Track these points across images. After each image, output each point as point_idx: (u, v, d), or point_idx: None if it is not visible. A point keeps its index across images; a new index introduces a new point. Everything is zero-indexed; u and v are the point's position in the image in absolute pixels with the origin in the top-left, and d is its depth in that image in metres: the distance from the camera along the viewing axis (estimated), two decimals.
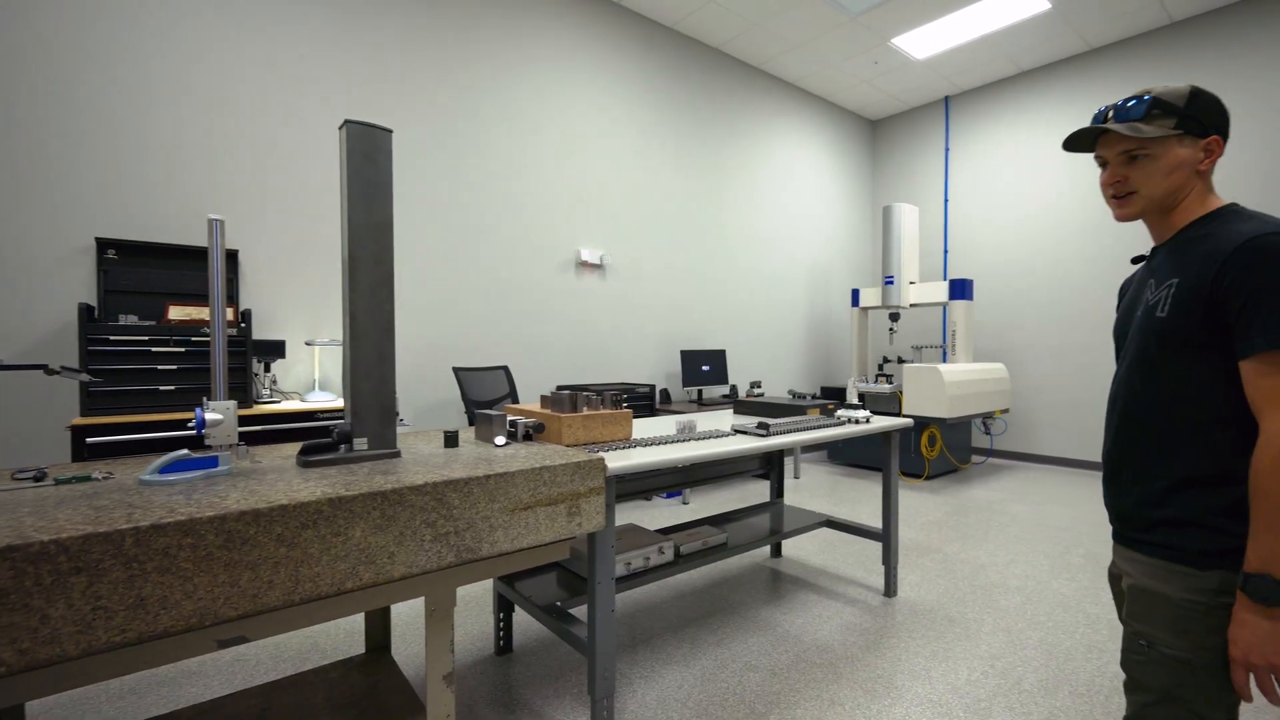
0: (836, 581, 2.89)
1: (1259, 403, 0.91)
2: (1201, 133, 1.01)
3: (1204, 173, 1.03)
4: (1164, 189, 1.03)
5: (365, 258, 1.56)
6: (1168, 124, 1.01)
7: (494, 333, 4.02)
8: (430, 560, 1.32)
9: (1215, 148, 1.01)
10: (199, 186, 2.96)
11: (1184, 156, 1.02)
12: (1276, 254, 0.90)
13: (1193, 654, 0.95)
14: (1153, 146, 1.03)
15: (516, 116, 4.09)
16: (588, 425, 1.90)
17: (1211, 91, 1.04)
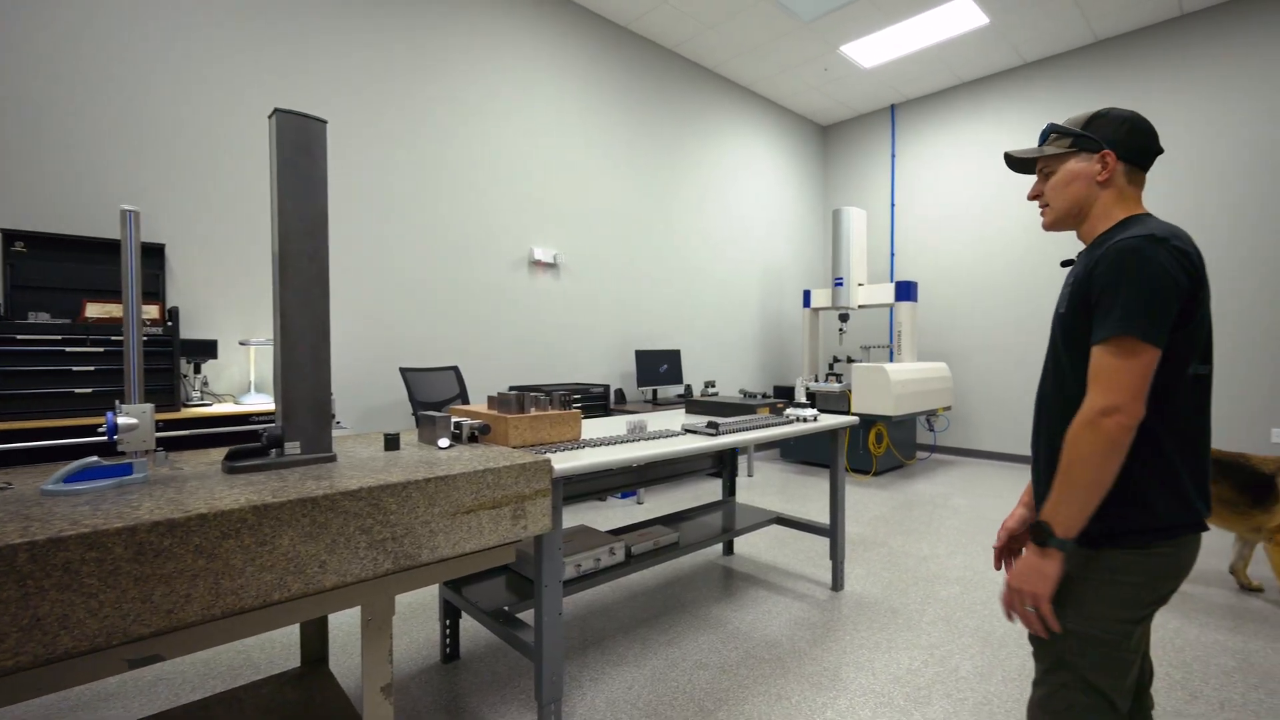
0: (786, 577, 2.94)
1: (1089, 381, 1.00)
2: (1095, 148, 1.11)
3: (1105, 184, 1.11)
4: (1066, 199, 1.14)
5: (297, 254, 1.49)
6: (1064, 144, 1.15)
7: (444, 333, 3.93)
8: (366, 568, 1.27)
9: (1110, 160, 1.10)
10: (121, 177, 2.78)
11: (1078, 170, 1.12)
12: (1129, 256, 0.99)
13: (1081, 625, 1.04)
14: (1053, 164, 1.16)
15: (467, 112, 4.01)
16: (535, 426, 1.87)
17: (1128, 110, 1.12)
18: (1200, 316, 1.01)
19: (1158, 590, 1.03)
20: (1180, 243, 1.00)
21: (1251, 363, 4.49)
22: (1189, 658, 2.17)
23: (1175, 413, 1.01)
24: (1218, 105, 4.62)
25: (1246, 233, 4.51)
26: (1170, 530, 1.01)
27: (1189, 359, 1.01)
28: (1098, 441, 0.96)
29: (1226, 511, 2.54)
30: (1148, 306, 0.96)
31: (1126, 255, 0.99)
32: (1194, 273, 0.99)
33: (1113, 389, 0.96)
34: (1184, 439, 1.02)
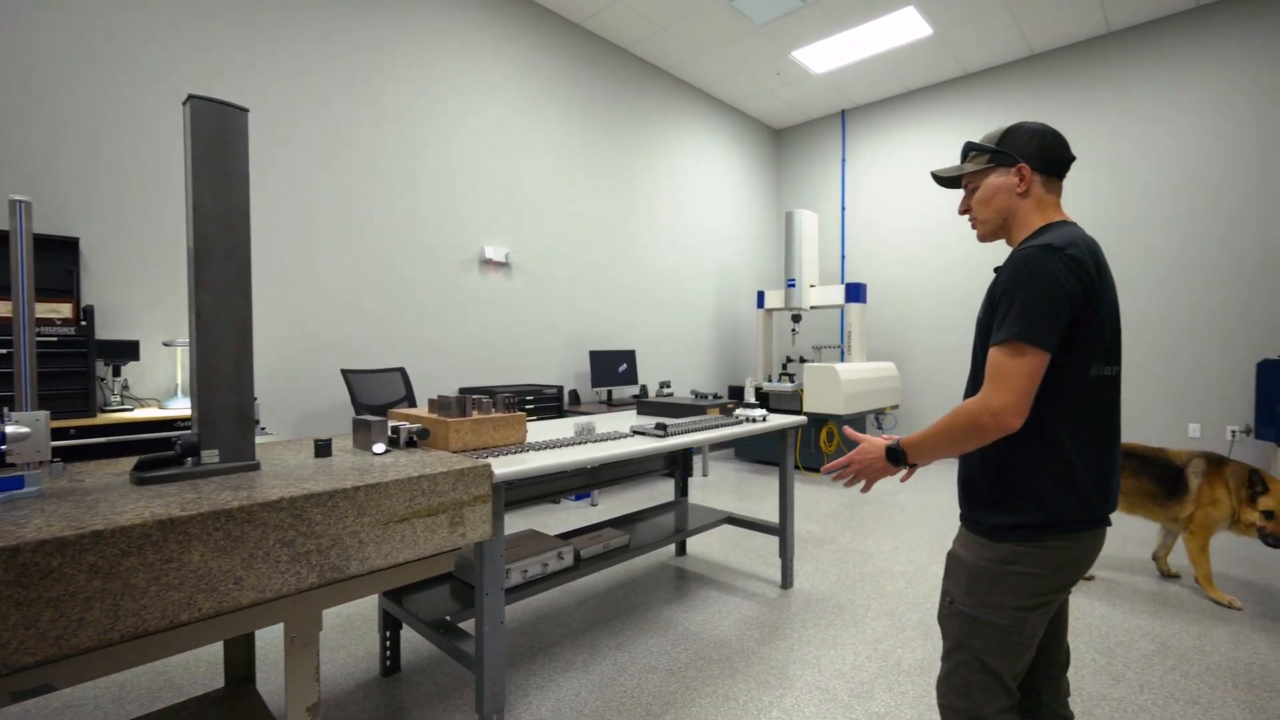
0: (737, 576, 2.95)
1: (985, 378, 1.07)
2: (1011, 162, 1.17)
3: (1024, 194, 1.17)
4: (990, 212, 1.20)
5: (215, 250, 1.40)
6: (982, 160, 1.21)
7: (390, 333, 3.81)
8: (288, 583, 1.20)
9: (1026, 173, 1.16)
10: (31, 167, 2.58)
11: (999, 184, 1.18)
12: (1024, 264, 1.05)
13: (979, 610, 1.11)
14: (976, 179, 1.22)
15: (413, 106, 3.89)
16: (477, 430, 1.82)
17: (1038, 124, 1.17)
18: (1099, 321, 1.06)
19: (1052, 582, 1.08)
20: (1075, 251, 1.04)
21: (1171, 363, 4.77)
22: (1113, 643, 2.28)
23: (1076, 412, 1.07)
24: (1143, 117, 4.89)
25: (1167, 239, 4.79)
26: (1064, 526, 1.07)
27: (1090, 361, 1.06)
28: (973, 430, 1.05)
29: (1148, 503, 2.69)
30: (1037, 312, 1.02)
31: (1021, 264, 1.05)
32: (1088, 280, 1.04)
33: (1001, 389, 1.02)
34: (1084, 438, 1.07)
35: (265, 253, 3.27)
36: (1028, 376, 1.01)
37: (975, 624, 1.11)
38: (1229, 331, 4.54)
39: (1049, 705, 1.21)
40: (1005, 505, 1.10)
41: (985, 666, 1.10)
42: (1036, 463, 1.07)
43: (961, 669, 1.13)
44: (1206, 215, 4.63)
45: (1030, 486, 1.08)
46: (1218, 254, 4.59)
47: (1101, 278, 1.07)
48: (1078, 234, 1.09)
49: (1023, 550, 1.08)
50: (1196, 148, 4.66)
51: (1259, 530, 2.47)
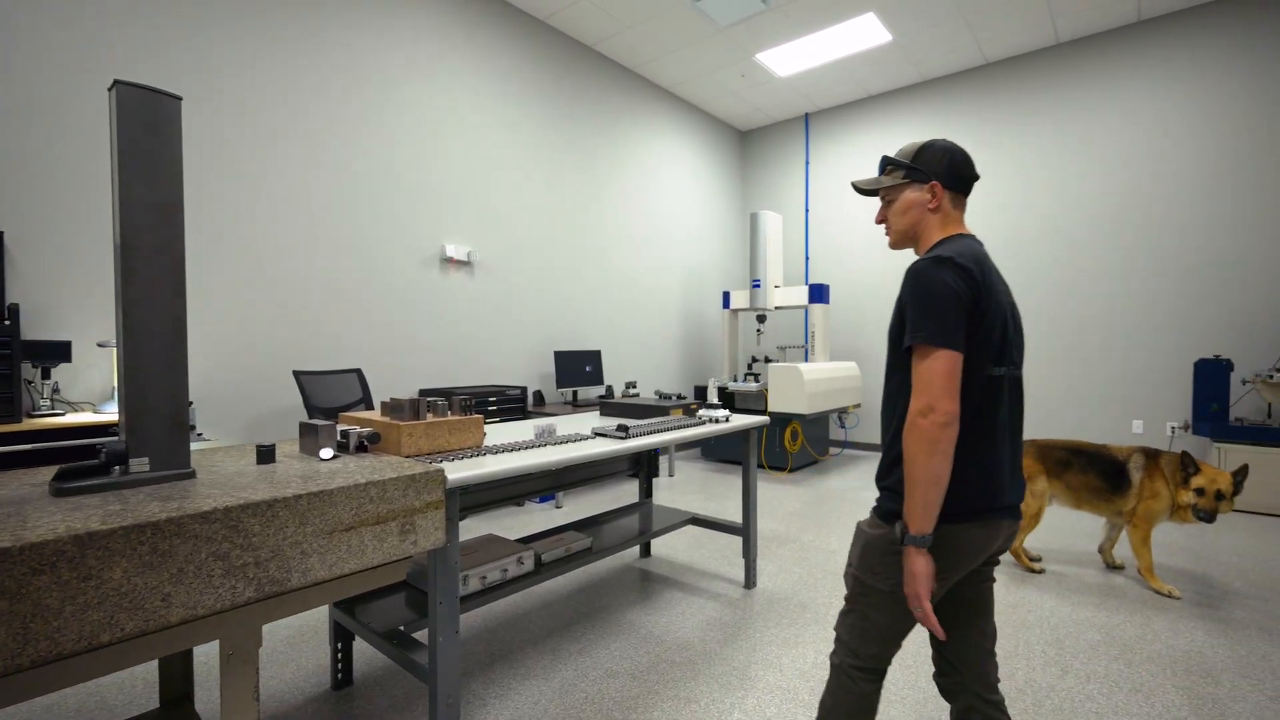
0: (701, 577, 2.95)
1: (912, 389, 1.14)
2: (924, 179, 1.26)
3: (935, 210, 1.27)
4: (904, 224, 1.30)
5: (144, 246, 1.32)
6: (897, 175, 1.30)
7: (346, 333, 3.69)
8: (222, 598, 1.13)
9: (937, 190, 1.25)
10: None
11: (913, 199, 1.28)
12: (918, 275, 1.15)
13: (865, 575, 1.23)
14: (893, 193, 1.31)
15: (372, 100, 3.78)
16: (431, 433, 1.76)
17: (947, 143, 1.27)
18: (986, 325, 1.14)
19: (940, 565, 1.14)
20: (963, 260, 1.14)
21: (1116, 362, 4.97)
22: (1061, 635, 2.35)
23: (973, 409, 1.14)
24: (1087, 125, 5.08)
25: (1111, 243, 4.99)
26: (949, 518, 1.12)
27: (981, 363, 1.14)
28: (919, 441, 1.08)
29: (1095, 498, 2.78)
30: (935, 315, 1.10)
31: (916, 275, 1.15)
32: (974, 286, 1.13)
33: (921, 391, 1.10)
34: (975, 436, 1.14)
35: (210, 249, 3.13)
36: (942, 374, 1.08)
37: (864, 586, 1.24)
38: (1168, 332, 4.75)
39: (971, 688, 1.26)
40: (895, 493, 1.18)
41: (869, 619, 1.23)
42: None
43: (852, 615, 1.27)
44: (1147, 220, 4.84)
45: None
46: (1158, 258, 4.80)
47: (988, 284, 1.15)
48: (968, 246, 1.19)
49: None
50: (1137, 156, 4.87)
51: (1193, 508, 2.58)
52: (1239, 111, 4.49)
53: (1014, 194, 5.44)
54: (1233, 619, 2.47)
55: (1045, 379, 5.29)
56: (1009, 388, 1.18)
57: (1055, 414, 5.24)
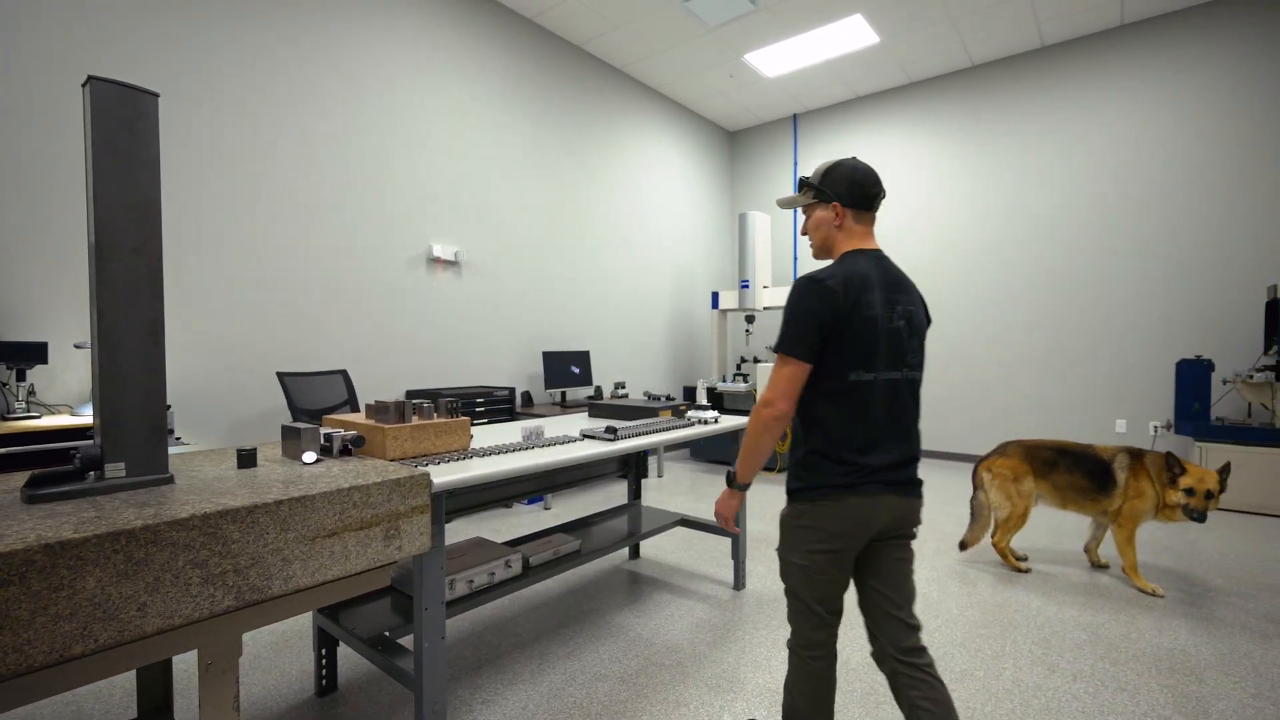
0: (691, 579, 2.94)
1: None
2: (829, 199, 1.42)
3: (839, 227, 1.43)
4: (817, 240, 1.48)
5: (121, 245, 1.29)
6: (808, 194, 1.46)
7: (331, 334, 3.64)
8: (200, 607, 1.11)
9: (839, 209, 1.41)
10: None
11: (822, 217, 1.45)
12: (792, 292, 1.34)
13: (787, 555, 1.42)
14: (808, 210, 1.49)
15: (358, 98, 3.74)
16: (417, 436, 1.74)
17: (851, 164, 1.41)
18: (849, 336, 1.30)
19: (829, 530, 1.35)
20: (832, 282, 1.31)
21: (1100, 362, 5.03)
22: (1048, 634, 2.36)
23: (840, 407, 1.33)
24: (1070, 127, 5.14)
25: (1094, 244, 5.05)
26: (831, 489, 1.33)
27: (847, 368, 1.31)
28: (757, 424, 1.35)
29: (1081, 498, 2.81)
30: (791, 329, 1.32)
31: (792, 292, 1.34)
32: (835, 305, 1.29)
33: (770, 387, 1.34)
34: (850, 427, 1.33)
35: (194, 249, 3.08)
36: (787, 379, 1.32)
37: (786, 564, 1.43)
38: (1151, 332, 4.81)
39: (889, 651, 1.39)
40: (796, 475, 1.40)
41: (796, 595, 1.42)
42: (811, 443, 1.37)
43: (788, 597, 1.45)
44: (1131, 221, 4.90)
45: (811, 462, 1.36)
46: (1141, 258, 4.86)
47: (857, 302, 1.30)
48: (851, 266, 1.35)
49: (805, 507, 1.38)
50: (1121, 157, 4.93)
51: (1183, 508, 2.61)
52: (1221, 113, 4.56)
53: (999, 195, 5.49)
54: (1215, 617, 2.50)
55: (1030, 379, 5.34)
56: (884, 390, 1.34)
57: (1040, 414, 5.29)
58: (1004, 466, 2.95)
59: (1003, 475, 2.94)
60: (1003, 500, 2.91)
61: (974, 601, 2.65)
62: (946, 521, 3.85)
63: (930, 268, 5.88)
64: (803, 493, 1.37)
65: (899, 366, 1.35)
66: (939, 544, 3.42)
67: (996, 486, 2.93)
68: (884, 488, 1.34)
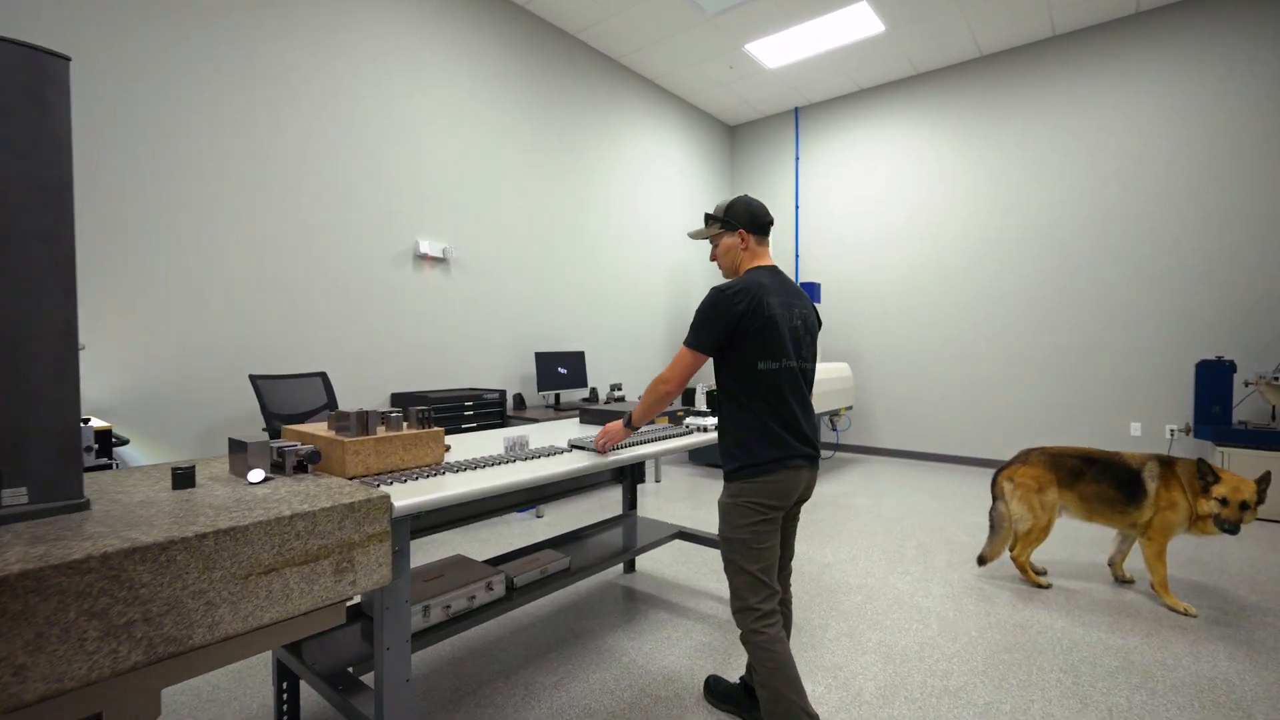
0: (689, 595, 2.76)
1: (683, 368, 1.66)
2: (734, 228, 1.74)
3: (745, 250, 1.74)
4: (727, 263, 1.78)
5: (21, 234, 1.10)
6: (716, 226, 1.78)
7: (311, 334, 3.46)
8: (99, 666, 0.92)
9: (744, 235, 1.73)
10: None
11: (730, 243, 1.75)
12: (706, 298, 1.62)
13: (729, 532, 1.64)
14: (716, 239, 1.79)
15: (341, 87, 3.55)
16: (382, 451, 1.55)
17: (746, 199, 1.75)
18: (755, 333, 1.58)
19: (767, 503, 1.60)
20: (733, 290, 1.59)
21: (1114, 362, 4.85)
22: (1076, 660, 2.18)
23: (759, 393, 1.61)
24: (1084, 120, 4.95)
25: (1109, 241, 4.87)
26: (767, 465, 1.60)
27: (755, 359, 1.60)
28: (654, 393, 1.68)
29: (1108, 510, 2.63)
30: (697, 326, 1.62)
31: (706, 298, 1.62)
32: (735, 309, 1.57)
33: (672, 367, 1.65)
34: (770, 409, 1.62)
35: (158, 243, 2.89)
36: (686, 367, 1.63)
37: (730, 542, 1.64)
38: (1168, 331, 4.63)
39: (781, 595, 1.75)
40: (732, 456, 1.65)
41: (743, 570, 1.61)
42: (742, 425, 1.64)
43: (732, 577, 1.64)
44: (1146, 216, 4.72)
45: (746, 442, 1.63)
46: (1158, 254, 4.68)
47: (757, 306, 1.58)
48: (753, 278, 1.63)
49: (743, 485, 1.62)
50: (1136, 150, 4.74)
51: (1215, 518, 2.43)
52: (1240, 105, 4.37)
53: (1007, 190, 5.30)
54: (1255, 640, 2.32)
55: (1037, 379, 5.16)
56: (787, 376, 1.63)
57: (1048, 415, 5.11)
58: (1027, 475, 2.77)
59: (1025, 485, 2.75)
60: (1025, 512, 2.72)
61: (993, 622, 2.47)
62: (958, 531, 3.67)
63: (934, 264, 5.70)
64: (740, 472, 1.62)
65: (797, 358, 1.66)
66: (951, 556, 3.24)
67: (1019, 497, 2.75)
68: (804, 461, 1.64)
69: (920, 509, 4.14)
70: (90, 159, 2.69)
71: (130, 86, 2.80)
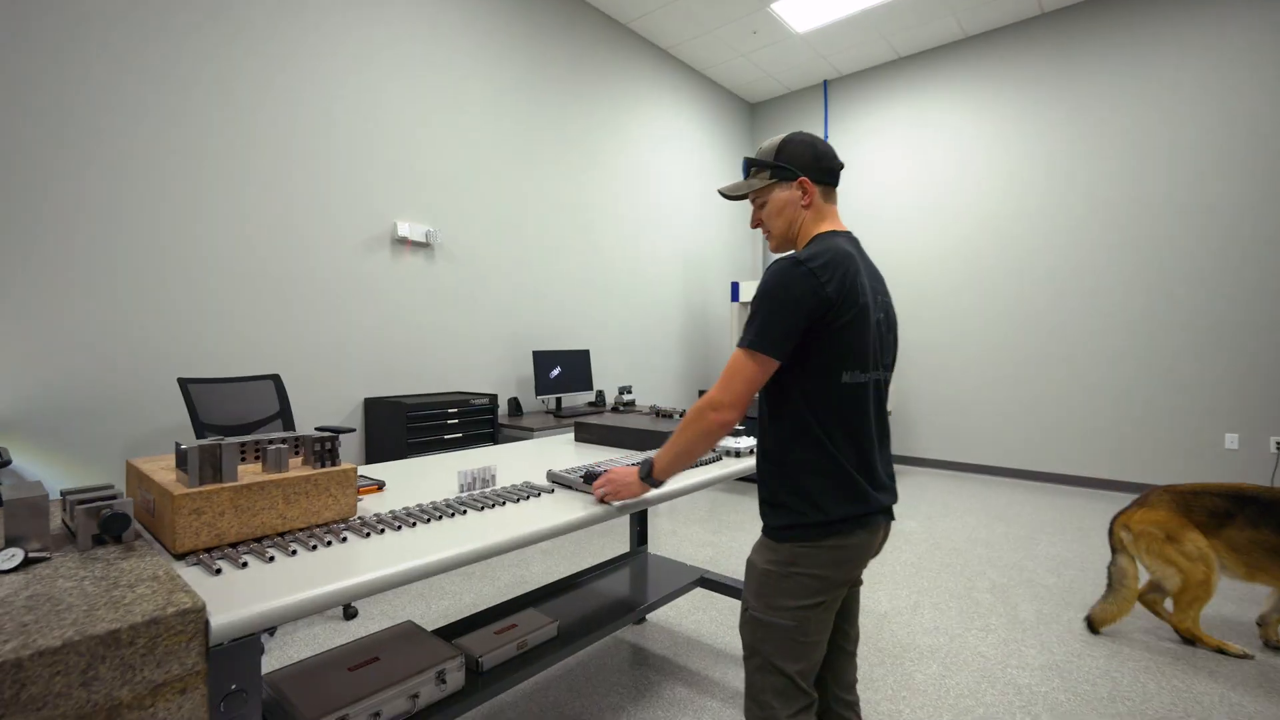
0: (713, 660, 2.18)
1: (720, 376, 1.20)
2: (791, 176, 1.21)
3: (808, 207, 1.22)
4: (781, 225, 1.24)
5: None
6: (764, 175, 1.24)
7: (264, 330, 2.92)
8: None
9: (807, 186, 1.20)
10: None
11: (785, 198, 1.23)
12: (772, 276, 1.10)
13: (766, 614, 1.14)
14: (763, 195, 1.26)
15: (306, 45, 3.01)
16: (244, 505, 0.99)
17: (808, 135, 1.23)
18: (845, 331, 1.09)
19: (830, 580, 1.12)
20: (818, 264, 1.08)
21: (1201, 365, 4.18)
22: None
23: (833, 416, 1.11)
24: (1169, 85, 4.28)
25: (1191, 222, 4.20)
26: (839, 525, 1.11)
27: (839, 368, 1.10)
28: (700, 426, 1.13)
29: (1272, 562, 2.00)
30: (765, 320, 1.08)
31: (771, 276, 1.10)
32: (824, 293, 1.07)
33: (725, 388, 1.11)
34: (850, 441, 1.13)
35: (77, 223, 2.36)
36: (749, 381, 1.09)
37: (763, 628, 1.15)
38: (1270, 329, 3.96)
39: (831, 688, 1.24)
40: (785, 508, 1.14)
41: (776, 669, 1.13)
42: (805, 463, 1.12)
43: (757, 674, 1.16)
44: (1242, 194, 4.04)
45: (803, 488, 1.12)
46: (1257, 238, 4.00)
47: (850, 290, 1.09)
48: (837, 246, 1.13)
49: (802, 551, 1.12)
50: (1232, 116, 4.07)
51: None
52: None
53: (1074, 169, 4.64)
54: None
55: (1105, 382, 4.50)
56: (873, 393, 1.16)
57: (1118, 423, 4.45)
58: (1147, 522, 2.16)
59: (1148, 534, 2.15)
60: (1163, 567, 2.11)
61: (1131, 710, 1.86)
62: (1037, 567, 3.04)
63: (982, 253, 5.05)
64: (797, 532, 1.12)
65: (879, 365, 1.19)
66: (1040, 606, 2.62)
67: (1145, 549, 2.14)
68: (885, 517, 1.18)
69: (983, 536, 3.52)
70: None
71: (34, 26, 2.27)
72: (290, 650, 2.24)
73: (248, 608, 0.77)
